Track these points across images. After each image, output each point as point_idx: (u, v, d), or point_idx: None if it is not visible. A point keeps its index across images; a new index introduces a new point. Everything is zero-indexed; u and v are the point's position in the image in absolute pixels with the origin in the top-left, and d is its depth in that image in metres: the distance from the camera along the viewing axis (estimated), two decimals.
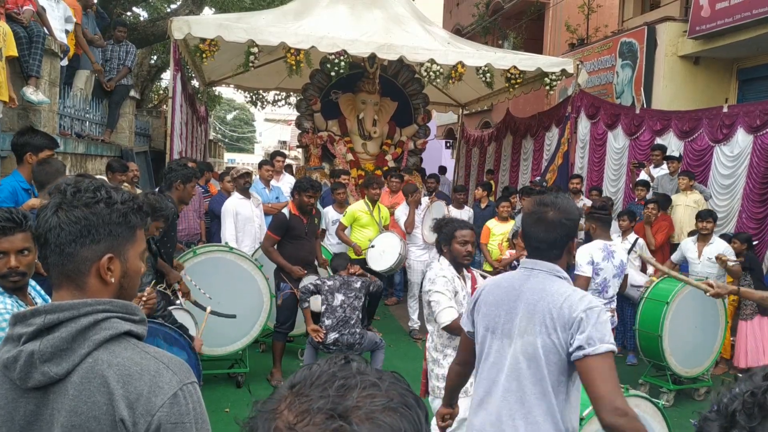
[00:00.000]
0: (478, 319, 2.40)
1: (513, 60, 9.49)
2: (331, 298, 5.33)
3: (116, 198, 1.38)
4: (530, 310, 2.20)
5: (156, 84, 20.51)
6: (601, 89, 12.66)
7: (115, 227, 1.37)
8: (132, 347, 1.33)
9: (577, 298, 2.16)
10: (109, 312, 1.32)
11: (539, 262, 2.29)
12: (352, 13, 9.61)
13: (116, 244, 1.38)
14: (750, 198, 7.76)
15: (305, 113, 11.21)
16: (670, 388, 5.84)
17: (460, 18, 21.29)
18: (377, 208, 7.60)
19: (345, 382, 0.81)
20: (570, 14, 15.68)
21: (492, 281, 2.47)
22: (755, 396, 0.86)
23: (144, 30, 13.36)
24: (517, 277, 2.33)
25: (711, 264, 6.16)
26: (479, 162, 14.56)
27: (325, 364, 0.86)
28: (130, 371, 1.27)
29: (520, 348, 2.20)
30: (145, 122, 11.87)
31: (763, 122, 7.63)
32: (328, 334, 5.28)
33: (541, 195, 2.41)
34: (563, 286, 2.24)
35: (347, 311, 5.32)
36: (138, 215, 1.42)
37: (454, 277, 3.66)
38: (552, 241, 2.27)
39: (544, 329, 2.15)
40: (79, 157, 7.03)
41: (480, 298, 2.42)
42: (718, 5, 9.95)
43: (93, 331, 1.29)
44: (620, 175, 9.90)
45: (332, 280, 5.45)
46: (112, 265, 1.38)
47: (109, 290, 1.38)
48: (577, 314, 2.10)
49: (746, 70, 11.14)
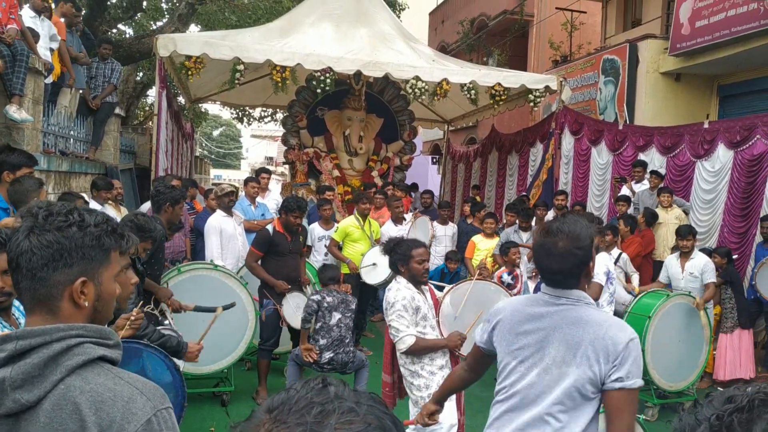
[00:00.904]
0: (501, 344, 2.33)
1: (497, 77, 9.60)
2: (329, 316, 5.22)
3: (89, 221, 1.37)
4: (568, 340, 2.15)
5: (142, 101, 20.46)
6: (585, 105, 12.81)
7: (89, 250, 1.36)
8: (105, 373, 1.31)
9: (618, 328, 2.13)
10: (82, 337, 1.31)
11: (565, 291, 2.22)
12: (337, 30, 9.68)
13: (90, 268, 1.37)
14: (731, 212, 7.86)
15: (291, 130, 11.23)
16: (655, 402, 5.86)
17: (445, 35, 21.49)
18: (368, 222, 7.63)
19: (323, 408, 0.81)
20: (553, 31, 15.89)
21: (512, 306, 2.37)
22: (721, 419, 0.87)
23: (129, 47, 13.36)
24: (542, 304, 2.25)
25: (693, 279, 6.22)
26: (465, 177, 14.64)
27: (303, 388, 0.85)
28: (102, 397, 1.25)
29: (556, 378, 2.15)
30: (131, 139, 11.84)
31: (743, 138, 7.76)
32: (323, 353, 5.17)
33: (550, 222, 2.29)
34: (598, 314, 2.21)
35: (343, 330, 5.24)
36: (112, 237, 1.41)
37: (414, 295, 3.72)
38: (567, 272, 2.19)
39: (585, 360, 2.10)
40: (63, 174, 6.99)
41: (501, 322, 2.34)
42: (698, 23, 10.13)
43: (65, 357, 1.27)
44: (604, 190, 10.00)
45: (331, 297, 5.31)
46: (86, 288, 1.36)
47: (83, 314, 1.37)
48: (622, 346, 2.08)
49: (726, 86, 11.33)
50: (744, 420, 0.86)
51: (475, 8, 19.11)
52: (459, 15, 20.13)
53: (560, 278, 2.21)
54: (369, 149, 11.42)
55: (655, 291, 6.17)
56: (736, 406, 0.88)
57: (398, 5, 18.06)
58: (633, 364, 2.08)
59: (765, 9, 8.78)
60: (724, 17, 9.61)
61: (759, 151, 7.56)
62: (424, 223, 7.87)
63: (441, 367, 3.74)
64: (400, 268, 3.80)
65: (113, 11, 14.16)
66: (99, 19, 12.91)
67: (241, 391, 5.86)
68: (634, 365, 2.09)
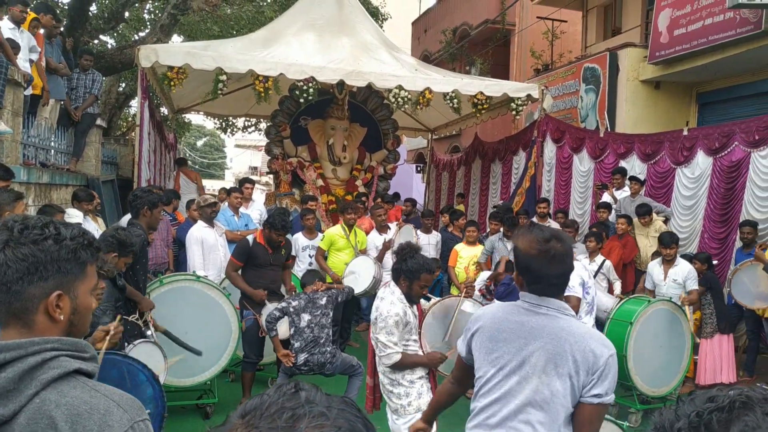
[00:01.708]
0: (480, 352, 2.33)
1: (479, 86, 9.66)
2: (298, 319, 5.24)
3: (65, 234, 1.37)
4: (550, 351, 2.15)
5: (124, 112, 20.34)
6: (566, 113, 12.92)
7: (64, 264, 1.35)
8: (81, 386, 1.30)
9: (599, 342, 2.16)
10: (57, 350, 1.30)
11: (547, 299, 2.22)
12: (320, 40, 9.70)
13: (65, 281, 1.36)
14: (711, 218, 7.96)
15: (275, 139, 11.22)
16: (638, 407, 5.90)
17: (428, 45, 21.60)
18: (353, 232, 7.66)
19: (294, 413, 0.82)
20: (535, 40, 16.03)
21: (491, 314, 2.37)
22: (701, 417, 0.89)
23: (111, 58, 13.28)
24: (523, 313, 2.25)
25: (676, 286, 6.28)
26: (449, 186, 14.70)
27: (275, 393, 0.87)
28: (78, 411, 1.25)
29: (536, 387, 2.16)
30: (113, 150, 11.78)
31: (721, 145, 7.86)
32: (298, 355, 5.19)
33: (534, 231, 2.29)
34: (580, 326, 2.23)
35: (315, 330, 5.24)
36: (88, 251, 1.40)
37: (406, 310, 3.70)
38: (559, 275, 2.22)
39: (566, 372, 2.12)
40: (43, 186, 6.93)
41: (480, 330, 2.34)
42: (676, 32, 10.27)
43: (41, 371, 1.26)
44: (586, 197, 10.08)
45: (297, 300, 5.33)
46: (61, 302, 1.36)
47: (59, 328, 1.36)
48: (603, 360, 2.11)
49: (705, 94, 11.48)
50: (723, 419, 0.88)
51: (457, 17, 19.24)
52: (441, 24, 20.25)
53: (560, 282, 2.24)
54: (353, 158, 11.44)
55: (636, 297, 6.23)
56: (717, 406, 0.89)
57: (381, 15, 18.13)
58: (612, 380, 2.14)
59: (741, 18, 8.92)
60: (701, 26, 9.75)
61: (737, 157, 7.67)
62: (409, 232, 7.88)
63: (420, 377, 3.76)
64: (401, 280, 3.73)
65: (95, 22, 14.07)
66: (80, 30, 12.82)
67: (225, 403, 5.81)
68: (612, 381, 2.14)
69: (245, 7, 15.61)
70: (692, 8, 9.97)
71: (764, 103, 9.93)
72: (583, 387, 2.13)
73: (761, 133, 7.39)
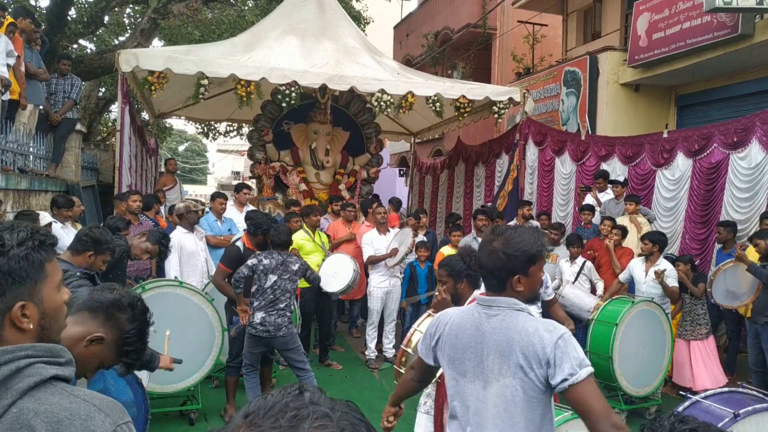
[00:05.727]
0: (442, 358, 2.36)
1: (462, 89, 9.69)
2: (264, 279, 5.26)
3: (10, 243, 1.31)
4: (500, 351, 2.15)
5: (104, 116, 20.16)
6: (548, 117, 13.01)
7: (18, 273, 1.30)
8: (59, 392, 1.27)
9: (545, 330, 2.12)
10: (31, 357, 1.26)
11: (496, 299, 2.24)
12: (302, 44, 9.68)
13: (25, 289, 1.31)
14: (692, 219, 8.05)
15: (257, 144, 11.18)
16: (623, 408, 5.93)
17: (410, 49, 21.66)
18: (317, 234, 7.79)
19: (297, 413, 0.82)
20: (516, 44, 16.14)
21: (452, 319, 2.38)
22: None
23: (91, 62, 13.17)
24: (477, 316, 2.27)
25: (655, 285, 6.33)
26: (432, 189, 14.73)
27: (279, 394, 0.87)
28: (59, 417, 1.22)
29: (498, 391, 2.15)
30: (93, 156, 11.65)
31: (701, 147, 7.96)
32: (255, 314, 5.25)
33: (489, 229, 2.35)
34: (526, 320, 2.19)
35: (277, 293, 5.27)
36: (41, 251, 1.35)
37: None
38: (490, 269, 2.23)
39: (519, 369, 2.11)
40: (22, 193, 6.84)
41: (442, 336, 2.35)
42: (655, 35, 10.39)
43: (15, 380, 1.23)
44: (569, 199, 10.14)
45: (268, 259, 5.32)
46: (27, 310, 1.31)
47: (30, 336, 1.32)
48: (551, 347, 2.07)
49: (684, 96, 11.62)
50: None
51: (438, 22, 19.33)
52: (423, 28, 20.33)
53: (485, 275, 2.29)
54: (336, 163, 11.43)
55: (618, 298, 6.27)
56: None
57: (363, 19, 18.13)
58: (572, 359, 2.07)
59: (718, 21, 9.05)
60: (679, 30, 9.88)
61: (716, 159, 7.77)
62: (408, 235, 7.79)
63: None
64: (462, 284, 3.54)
65: (74, 26, 13.92)
66: (59, 35, 12.69)
67: (208, 410, 5.77)
68: (573, 360, 2.07)
69: (226, 11, 15.54)
70: (670, 12, 10.10)
71: (741, 106, 10.07)
72: (547, 379, 2.10)
73: (739, 135, 7.49)
